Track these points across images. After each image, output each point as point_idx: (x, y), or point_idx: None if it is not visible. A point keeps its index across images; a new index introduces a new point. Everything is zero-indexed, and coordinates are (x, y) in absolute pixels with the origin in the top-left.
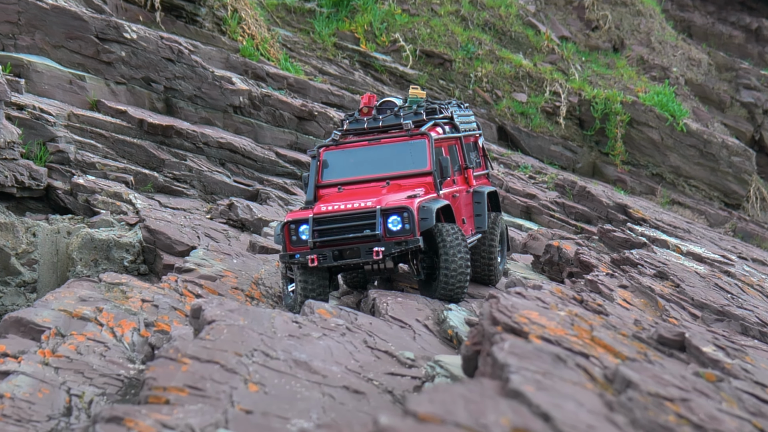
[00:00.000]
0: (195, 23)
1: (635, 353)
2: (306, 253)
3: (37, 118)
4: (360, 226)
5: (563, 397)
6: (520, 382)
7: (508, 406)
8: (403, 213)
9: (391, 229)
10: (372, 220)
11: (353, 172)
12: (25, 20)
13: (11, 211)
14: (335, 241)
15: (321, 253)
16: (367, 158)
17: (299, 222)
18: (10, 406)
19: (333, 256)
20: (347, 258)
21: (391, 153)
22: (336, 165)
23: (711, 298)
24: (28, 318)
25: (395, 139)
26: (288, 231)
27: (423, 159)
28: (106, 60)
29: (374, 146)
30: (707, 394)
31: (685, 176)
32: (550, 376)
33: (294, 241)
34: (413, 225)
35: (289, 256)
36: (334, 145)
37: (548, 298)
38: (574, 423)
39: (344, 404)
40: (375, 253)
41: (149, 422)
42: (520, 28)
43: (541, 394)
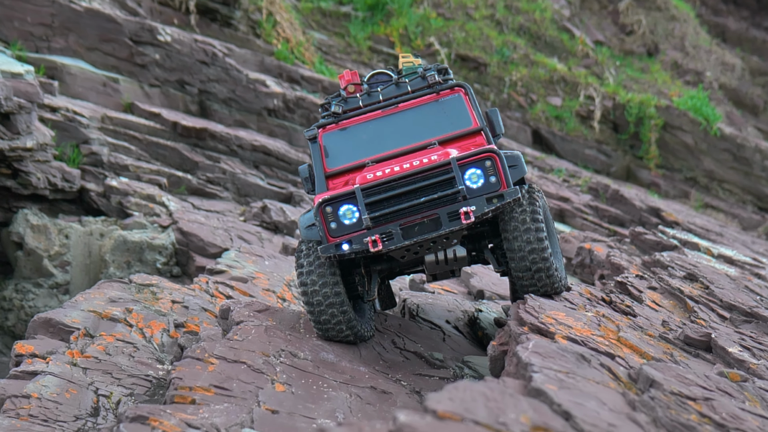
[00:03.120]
0: (230, 26)
1: (661, 353)
2: (361, 236)
3: (71, 120)
4: (430, 187)
5: (585, 396)
6: (543, 380)
7: (529, 405)
8: (484, 162)
9: (471, 186)
10: (446, 175)
11: (372, 150)
12: (58, 23)
13: (44, 213)
14: (399, 213)
15: (384, 231)
16: (386, 131)
17: (338, 200)
18: (37, 407)
19: (401, 234)
20: (421, 233)
21: (418, 117)
22: (344, 147)
23: (740, 300)
24: (57, 319)
25: (418, 100)
26: (324, 215)
27: (464, 115)
28: (140, 62)
29: (392, 114)
30: (730, 394)
31: (718, 180)
32: (573, 376)
33: (334, 230)
34: (503, 174)
35: (335, 247)
36: (334, 123)
37: (576, 299)
38: (595, 422)
39: (371, 404)
40: (463, 215)
41: (174, 422)
42: (555, 33)
43: (563, 392)
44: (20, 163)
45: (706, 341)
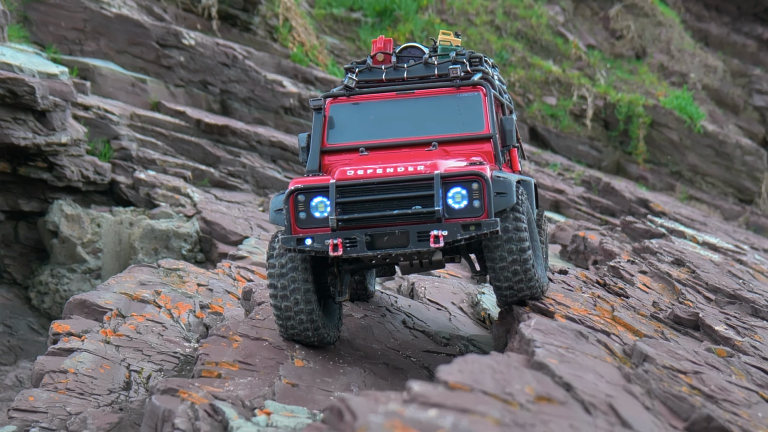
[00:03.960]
0: (249, 31)
1: (653, 331)
2: (324, 236)
3: (102, 117)
4: (408, 199)
5: (584, 369)
6: (545, 355)
7: (533, 377)
8: (471, 184)
9: (452, 206)
10: (426, 191)
11: (375, 133)
12: (90, 27)
13: (78, 203)
14: (369, 220)
15: (349, 236)
16: (395, 115)
17: (312, 191)
18: (73, 381)
19: (366, 243)
20: (386, 246)
21: (431, 109)
22: (349, 123)
23: (724, 283)
24: (91, 300)
25: (436, 90)
26: (294, 204)
27: (478, 118)
28: (166, 64)
29: (406, 99)
30: (718, 368)
31: (702, 174)
32: (572, 351)
33: (302, 220)
34: (487, 201)
35: (296, 241)
36: (345, 96)
37: (573, 282)
38: (594, 392)
39: (384, 379)
40: (433, 238)
41: (201, 394)
42: (550, 37)
43: (563, 366)
44: (55, 157)
45: (694, 320)
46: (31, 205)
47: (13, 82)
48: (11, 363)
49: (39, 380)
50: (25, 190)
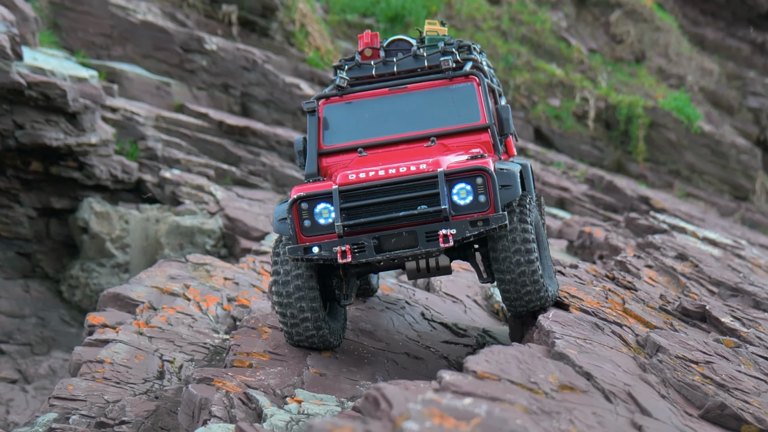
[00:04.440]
0: (267, 36)
1: (662, 323)
2: (331, 243)
3: (129, 119)
4: (412, 199)
5: (602, 359)
6: (564, 346)
7: (555, 366)
8: (475, 179)
9: (458, 202)
10: (431, 190)
11: (371, 131)
12: (117, 33)
13: (106, 201)
14: (375, 223)
15: (356, 242)
16: (389, 112)
17: (315, 198)
18: (110, 370)
19: (374, 247)
20: (394, 248)
21: (425, 103)
22: (344, 123)
23: (726, 277)
24: (124, 293)
25: (429, 83)
26: (298, 212)
27: (473, 109)
28: (189, 68)
29: (399, 95)
30: (727, 358)
31: (698, 172)
32: (589, 341)
33: (307, 228)
34: (493, 195)
35: (304, 250)
36: (338, 96)
37: (584, 276)
38: (613, 381)
39: (406, 368)
40: (442, 238)
41: (235, 383)
42: (554, 42)
43: (582, 356)
44: (85, 157)
45: (701, 312)
46: (62, 202)
47: (46, 86)
48: (44, 353)
49: (77, 370)
50: (56, 188)
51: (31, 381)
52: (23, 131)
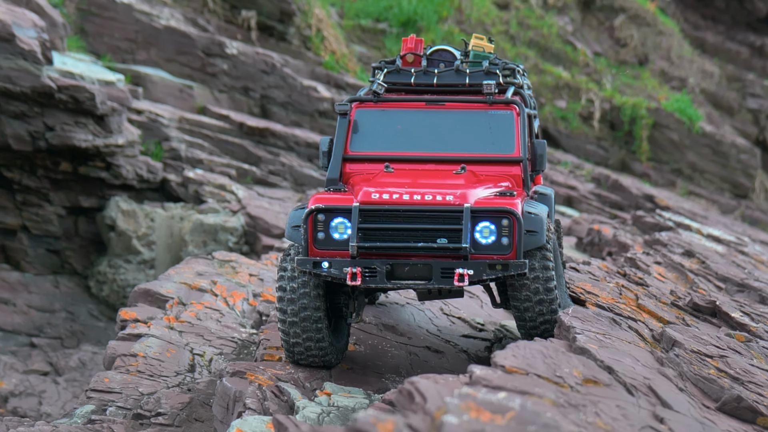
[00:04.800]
0: (284, 41)
1: (674, 318)
2: (343, 263)
3: (153, 121)
4: (433, 231)
5: (621, 354)
6: (585, 341)
7: (579, 361)
8: (500, 220)
9: (480, 240)
10: (454, 225)
11: (400, 144)
12: (142, 38)
13: (132, 200)
14: (391, 249)
15: (369, 266)
16: (423, 126)
17: (334, 212)
18: (143, 364)
19: (386, 273)
20: (407, 278)
21: (461, 123)
22: (374, 130)
23: (732, 273)
24: (154, 289)
25: (468, 104)
26: (314, 223)
27: (509, 139)
28: (211, 72)
29: (436, 110)
30: (740, 352)
31: (700, 171)
32: (608, 336)
33: (321, 241)
34: (516, 239)
35: (313, 264)
36: (373, 101)
37: (597, 272)
38: (633, 375)
39: (428, 361)
40: (457, 277)
41: (267, 376)
42: (560, 45)
43: (603, 351)
44: (112, 158)
45: (711, 308)
46: (90, 201)
47: (75, 89)
48: (74, 346)
49: (111, 363)
50: (84, 187)
51: (62, 373)
52: (53, 133)
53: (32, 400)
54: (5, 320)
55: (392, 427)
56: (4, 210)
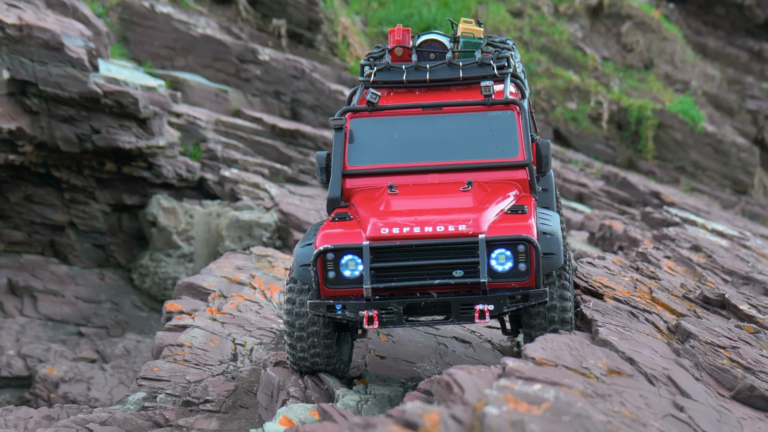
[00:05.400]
0: (313, 47)
1: (686, 310)
2: (358, 305)
3: (191, 123)
4: (448, 265)
5: (641, 345)
6: (607, 333)
7: (602, 353)
8: (516, 246)
9: (496, 268)
10: (469, 258)
11: (401, 155)
12: (180, 46)
13: (172, 197)
14: (405, 288)
15: (385, 307)
16: (421, 134)
17: (343, 251)
18: (189, 353)
19: (404, 312)
20: (424, 314)
21: (461, 129)
22: (371, 141)
23: (737, 267)
24: (197, 283)
25: (467, 108)
26: (323, 263)
27: (512, 143)
28: (245, 77)
29: (433, 116)
30: (750, 343)
31: (702, 168)
32: (628, 329)
33: (331, 280)
34: (534, 265)
35: (327, 308)
36: (368, 111)
37: (612, 267)
38: (653, 366)
39: (455, 351)
40: (478, 313)
41: None
42: (571, 51)
43: (624, 342)
44: (154, 158)
45: (720, 300)
46: (133, 199)
47: (120, 95)
48: (119, 335)
49: (159, 352)
50: (128, 186)
51: (108, 360)
52: (99, 135)
53: (81, 385)
54: (55, 311)
55: (437, 417)
56: (54, 207)
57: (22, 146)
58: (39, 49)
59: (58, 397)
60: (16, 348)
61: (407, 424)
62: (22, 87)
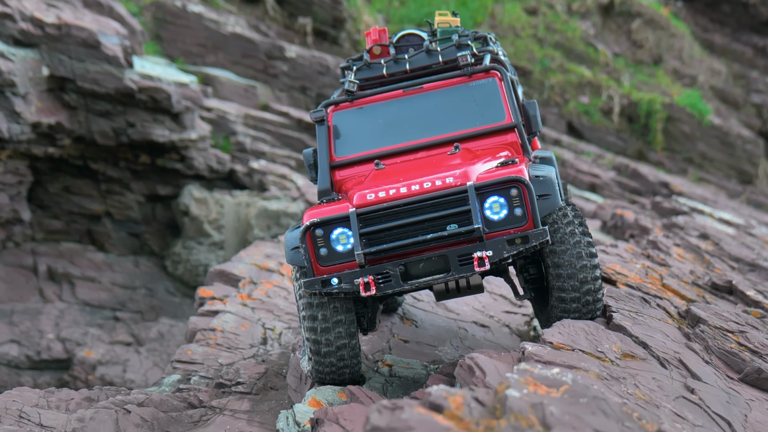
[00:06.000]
0: (337, 44)
1: (696, 296)
2: (352, 274)
3: (222, 117)
4: (440, 219)
5: (653, 330)
6: (620, 318)
7: (616, 337)
8: (509, 190)
9: (492, 218)
10: (461, 207)
11: (386, 139)
12: (211, 43)
13: (204, 188)
14: (400, 248)
15: (380, 271)
16: (405, 115)
17: (331, 223)
18: (221, 337)
19: (401, 275)
20: (424, 275)
21: (443, 103)
22: (356, 131)
23: (743, 254)
24: (228, 270)
25: (446, 81)
26: (312, 240)
27: (497, 107)
28: (272, 73)
29: (414, 96)
30: (757, 328)
31: (709, 159)
32: (640, 314)
33: (324, 257)
34: (530, 208)
35: (322, 283)
36: (348, 101)
37: (624, 254)
38: (665, 350)
39: (474, 335)
40: (477, 261)
41: None
42: (583, 47)
43: (637, 327)
44: (186, 151)
45: (728, 286)
46: (166, 189)
47: (154, 90)
48: (153, 320)
49: (193, 336)
50: (161, 177)
51: (143, 344)
52: (134, 129)
53: (117, 368)
54: (92, 296)
55: (461, 400)
56: (90, 198)
57: (61, 140)
58: (77, 47)
59: (95, 378)
60: (56, 332)
61: (432, 406)
62: (61, 83)
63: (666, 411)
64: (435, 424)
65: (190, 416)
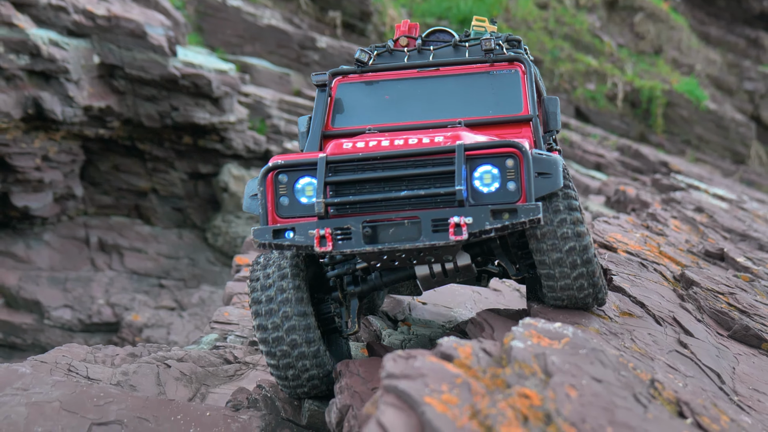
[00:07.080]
0: (364, 36)
1: (690, 262)
2: (308, 225)
3: (258, 102)
4: (419, 177)
5: (649, 292)
6: (620, 281)
7: (616, 297)
8: (504, 160)
9: (480, 189)
10: (445, 167)
11: (390, 115)
12: (248, 35)
13: (242, 167)
14: (368, 205)
15: (341, 226)
16: (416, 95)
17: (297, 168)
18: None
19: (365, 236)
20: (391, 240)
21: (460, 88)
22: (360, 105)
23: (735, 226)
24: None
25: (467, 67)
26: (274, 185)
27: (516, 97)
28: (305, 62)
29: (430, 77)
30: (746, 290)
31: (705, 141)
32: (638, 277)
33: (285, 207)
34: (525, 183)
35: (273, 233)
36: (357, 73)
37: (625, 225)
38: (660, 309)
39: (488, 298)
40: (453, 228)
41: None
42: (590, 38)
43: (635, 289)
44: (225, 133)
45: (720, 254)
46: (207, 168)
47: (196, 77)
48: (195, 287)
49: (229, 300)
50: (202, 157)
51: (185, 308)
52: (177, 112)
53: (161, 330)
54: (139, 265)
55: (470, 350)
56: (138, 175)
57: (111, 122)
58: (125, 37)
59: (141, 340)
60: (106, 298)
61: (443, 355)
62: (111, 70)
63: (660, 363)
64: (445, 371)
65: (226, 371)
